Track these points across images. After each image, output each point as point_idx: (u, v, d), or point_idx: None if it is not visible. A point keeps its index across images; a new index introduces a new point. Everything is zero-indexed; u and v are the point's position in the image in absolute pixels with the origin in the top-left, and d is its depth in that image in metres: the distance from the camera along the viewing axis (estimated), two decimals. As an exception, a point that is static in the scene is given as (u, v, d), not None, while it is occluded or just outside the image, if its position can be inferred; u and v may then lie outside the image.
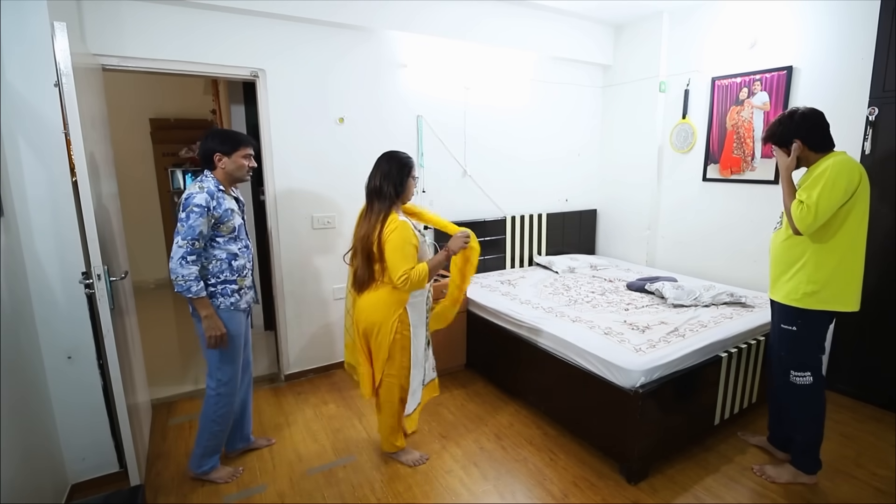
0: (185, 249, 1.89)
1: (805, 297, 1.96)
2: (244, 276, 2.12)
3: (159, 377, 3.16)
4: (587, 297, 3.13)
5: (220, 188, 2.02)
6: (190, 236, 1.89)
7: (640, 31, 3.91)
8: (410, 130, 3.41)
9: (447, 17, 3.24)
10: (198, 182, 2.00)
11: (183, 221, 1.90)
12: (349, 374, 2.47)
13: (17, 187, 1.89)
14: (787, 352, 2.07)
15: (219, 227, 2.00)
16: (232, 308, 2.07)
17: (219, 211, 1.98)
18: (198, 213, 1.90)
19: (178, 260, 1.89)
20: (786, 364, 2.07)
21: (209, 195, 1.95)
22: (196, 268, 1.92)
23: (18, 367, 1.80)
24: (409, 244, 1.99)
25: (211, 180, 2.01)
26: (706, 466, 2.30)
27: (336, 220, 3.22)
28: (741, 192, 3.42)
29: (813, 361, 2.04)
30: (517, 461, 2.36)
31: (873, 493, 2.12)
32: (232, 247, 2.06)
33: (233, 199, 2.10)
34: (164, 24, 2.55)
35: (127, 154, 4.96)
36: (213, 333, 2.00)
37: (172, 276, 1.90)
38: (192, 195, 1.93)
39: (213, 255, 2.02)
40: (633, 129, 4.08)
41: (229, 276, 2.06)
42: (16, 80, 1.84)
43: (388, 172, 2.07)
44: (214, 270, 2.03)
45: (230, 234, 2.05)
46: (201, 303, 1.96)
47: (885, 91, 2.60)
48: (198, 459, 2.20)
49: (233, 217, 2.05)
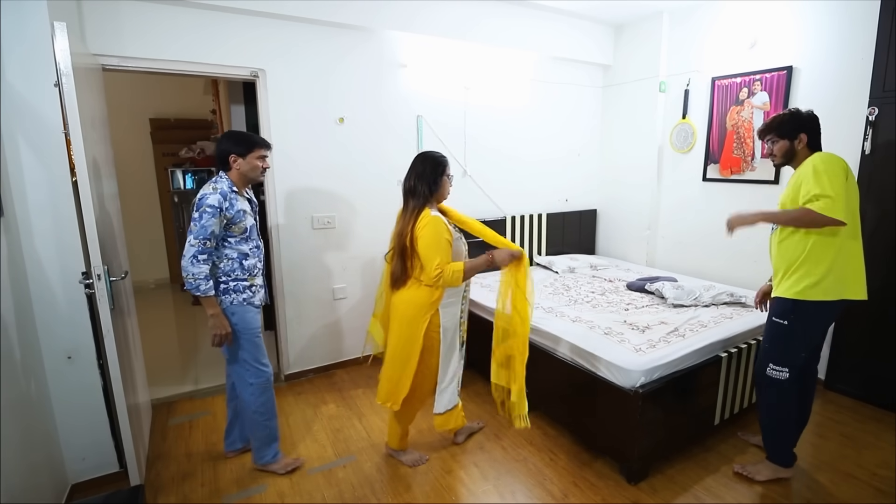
0: (196, 248, 1.92)
1: (806, 289, 1.93)
2: (255, 275, 2.14)
3: (159, 377, 3.16)
4: (587, 297, 3.13)
5: (234, 189, 2.04)
6: (202, 236, 1.93)
7: (640, 31, 3.91)
8: (410, 130, 3.41)
9: (448, 17, 3.25)
10: (212, 183, 2.02)
11: (196, 221, 1.94)
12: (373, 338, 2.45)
13: (17, 187, 1.89)
14: (771, 345, 2.07)
15: (231, 228, 2.03)
16: (245, 303, 2.10)
17: (231, 212, 2.00)
18: (210, 213, 1.93)
19: (190, 258, 1.92)
20: (767, 356, 2.07)
21: (222, 196, 1.97)
22: (207, 267, 1.95)
23: (18, 367, 1.80)
24: (441, 238, 1.99)
25: (225, 181, 2.03)
26: (706, 466, 2.30)
27: (336, 221, 3.23)
28: (741, 192, 3.42)
29: (795, 360, 2.02)
30: (517, 461, 2.36)
31: (873, 493, 2.11)
32: (243, 247, 2.09)
33: (245, 200, 2.12)
34: (163, 24, 2.55)
35: (127, 154, 4.96)
36: (218, 332, 2.03)
37: (183, 273, 1.93)
38: (206, 196, 1.96)
39: (224, 255, 2.05)
40: (633, 129, 4.08)
41: (241, 275, 2.09)
42: (16, 80, 1.84)
43: (421, 172, 2.09)
44: (226, 269, 2.06)
45: (242, 234, 2.07)
46: (209, 301, 1.99)
47: (885, 91, 2.60)
48: (257, 452, 2.26)
49: (245, 218, 2.07)
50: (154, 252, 5.42)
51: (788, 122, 2.00)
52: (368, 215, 3.33)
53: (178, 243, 5.20)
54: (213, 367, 3.35)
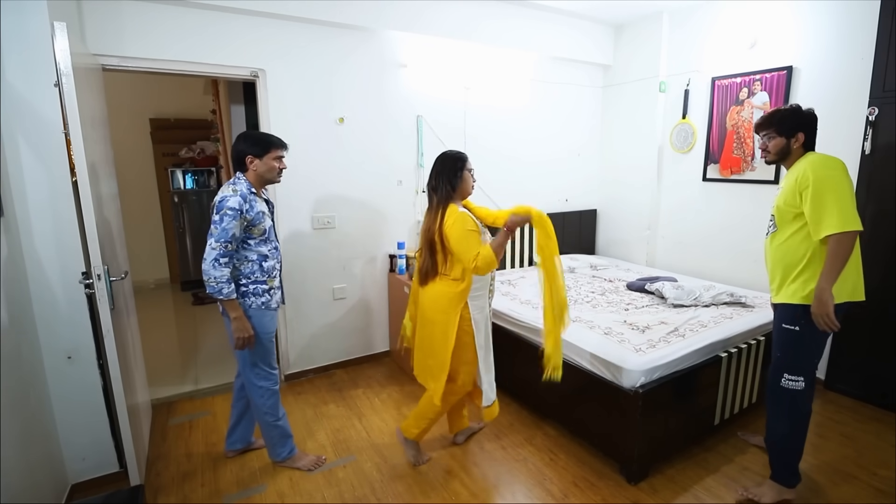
0: (218, 251, 1.90)
1: (813, 293, 1.86)
2: (273, 276, 2.14)
3: (159, 377, 3.16)
4: (587, 297, 3.13)
5: (252, 190, 2.02)
6: (223, 239, 1.90)
7: (640, 31, 3.91)
8: (410, 130, 3.42)
9: (450, 17, 3.25)
10: (231, 185, 2.00)
11: (216, 224, 1.91)
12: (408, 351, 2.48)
13: (17, 187, 1.89)
14: (783, 353, 1.99)
15: (251, 230, 2.01)
16: (263, 307, 2.10)
17: (251, 213, 1.98)
18: (231, 215, 1.91)
19: (212, 262, 1.90)
20: (780, 365, 1.99)
21: (242, 198, 1.95)
22: (228, 270, 1.93)
23: (18, 366, 1.80)
24: (470, 232, 2.03)
25: (243, 183, 2.01)
26: (706, 466, 2.30)
27: (336, 221, 3.23)
28: (741, 192, 3.42)
29: (809, 365, 1.96)
30: (517, 461, 2.36)
31: (873, 493, 2.11)
32: (262, 248, 2.08)
33: (263, 201, 2.11)
34: (163, 24, 2.55)
35: (127, 154, 4.96)
36: (242, 335, 2.01)
37: (205, 277, 1.91)
38: (226, 198, 1.93)
39: (244, 257, 2.04)
40: (633, 129, 4.08)
41: (260, 277, 2.07)
42: (16, 80, 1.84)
43: (441, 170, 2.13)
44: (246, 272, 2.05)
45: (261, 236, 2.06)
46: (231, 305, 1.97)
47: (885, 91, 2.60)
48: (272, 450, 2.29)
49: (264, 219, 2.06)
50: (154, 252, 5.42)
51: (789, 118, 1.94)
52: (368, 215, 3.33)
53: (178, 243, 5.21)
54: (213, 367, 3.35)
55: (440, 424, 2.66)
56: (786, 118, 1.95)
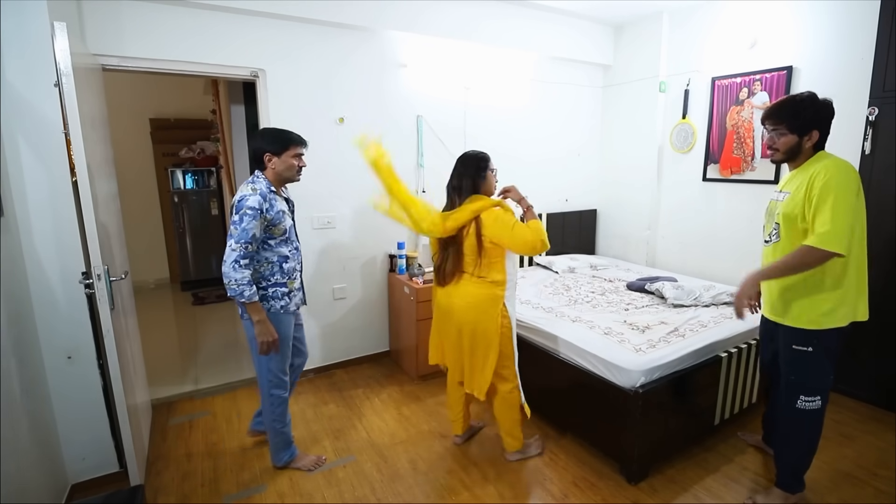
0: (238, 253, 1.84)
1: (822, 317, 1.75)
2: (294, 278, 2.08)
3: (159, 377, 3.16)
4: (587, 297, 3.13)
5: (272, 189, 1.97)
6: (244, 239, 1.84)
7: (640, 31, 3.92)
8: (411, 130, 3.41)
9: (450, 17, 3.25)
10: (249, 183, 1.94)
11: (236, 224, 1.85)
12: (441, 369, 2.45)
13: (17, 187, 1.89)
14: (798, 375, 1.84)
15: (271, 230, 1.96)
16: (281, 311, 2.05)
17: (271, 213, 1.93)
18: (251, 215, 1.85)
19: (232, 264, 1.83)
20: (796, 389, 1.85)
21: (262, 197, 1.90)
22: (249, 272, 1.87)
23: (18, 366, 1.80)
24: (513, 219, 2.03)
25: (262, 181, 1.96)
26: (706, 466, 2.30)
27: (336, 221, 3.23)
28: (741, 192, 3.42)
29: (825, 384, 1.84)
30: (517, 461, 2.36)
31: (873, 493, 2.12)
32: (283, 249, 2.03)
33: (283, 199, 2.05)
34: (163, 24, 2.55)
35: (127, 154, 4.96)
36: (266, 339, 1.96)
37: (225, 279, 1.85)
38: (246, 197, 1.87)
39: (264, 258, 1.99)
40: (633, 129, 4.08)
41: (280, 279, 2.02)
42: (16, 80, 1.84)
43: (464, 171, 2.14)
44: (265, 273, 2.00)
45: (282, 235, 2.00)
46: (254, 307, 1.92)
47: (885, 91, 2.60)
48: (275, 455, 2.28)
49: (284, 219, 2.00)
50: (154, 252, 5.43)
51: (803, 113, 1.71)
52: (368, 215, 3.33)
53: (178, 243, 5.22)
54: (213, 367, 3.35)
55: (440, 424, 2.66)
56: (800, 112, 1.72)
